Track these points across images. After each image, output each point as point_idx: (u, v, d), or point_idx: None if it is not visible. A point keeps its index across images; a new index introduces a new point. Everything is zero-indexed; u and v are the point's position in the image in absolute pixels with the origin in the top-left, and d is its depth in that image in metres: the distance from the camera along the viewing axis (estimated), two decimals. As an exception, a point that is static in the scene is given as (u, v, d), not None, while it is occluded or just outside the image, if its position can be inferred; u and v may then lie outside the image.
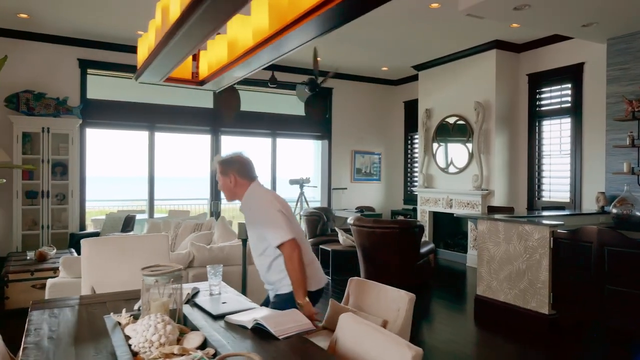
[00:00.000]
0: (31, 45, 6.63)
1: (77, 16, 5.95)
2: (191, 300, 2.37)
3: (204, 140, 8.27)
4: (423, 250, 5.67)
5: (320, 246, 6.51)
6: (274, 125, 8.58)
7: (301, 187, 8.56)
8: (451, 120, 7.55)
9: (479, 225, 4.70)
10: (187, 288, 2.48)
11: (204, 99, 7.97)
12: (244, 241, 3.96)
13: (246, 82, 7.41)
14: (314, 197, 9.67)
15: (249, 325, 1.93)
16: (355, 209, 8.74)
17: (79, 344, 1.75)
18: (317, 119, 6.18)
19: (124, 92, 7.46)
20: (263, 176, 8.88)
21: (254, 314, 2.05)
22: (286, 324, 1.91)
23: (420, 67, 8.14)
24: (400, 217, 9.03)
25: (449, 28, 6.21)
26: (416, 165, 8.81)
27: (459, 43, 6.90)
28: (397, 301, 2.53)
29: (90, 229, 7.75)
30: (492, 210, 5.88)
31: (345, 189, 9.08)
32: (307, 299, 2.35)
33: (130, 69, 7.32)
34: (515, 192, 7.00)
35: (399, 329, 2.46)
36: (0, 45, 6.38)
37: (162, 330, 1.53)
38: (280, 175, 8.96)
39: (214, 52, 1.76)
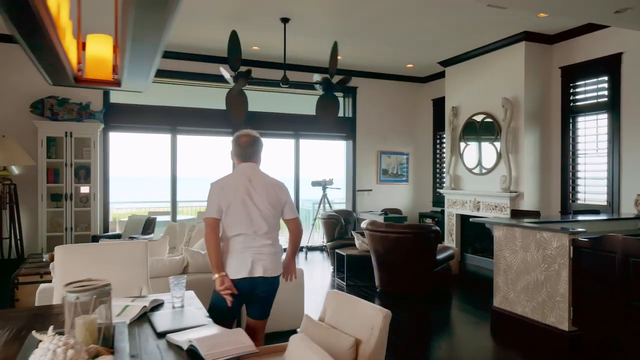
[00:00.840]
0: (55, 52, 6.81)
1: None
2: (147, 314, 2.25)
3: (226, 142, 8.25)
4: (440, 256, 5.36)
5: (336, 250, 6.31)
6: (297, 126, 8.45)
7: (324, 189, 8.40)
8: (478, 118, 7.15)
9: (495, 231, 4.37)
10: (146, 300, 2.37)
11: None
12: (239, 247, 3.84)
13: (268, 83, 7.32)
14: (341, 199, 9.48)
15: (184, 347, 1.78)
16: (381, 211, 8.47)
17: (-3, 363, 1.66)
18: (326, 121, 5.97)
19: (146, 95, 7.55)
20: (286, 178, 8.80)
21: (196, 332, 1.90)
22: (223, 346, 1.74)
23: (446, 63, 7.77)
24: (428, 220, 8.67)
25: (474, 20, 5.85)
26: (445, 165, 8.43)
27: (486, 36, 6.51)
28: (371, 319, 2.31)
29: (118, 230, 7.91)
30: (516, 214, 5.48)
31: (370, 190, 8.82)
32: (220, 273, 2.55)
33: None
34: (548, 195, 6.52)
35: (372, 350, 2.25)
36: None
37: (62, 355, 1.40)
38: (306, 176, 8.81)
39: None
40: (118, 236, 6.80)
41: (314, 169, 9.26)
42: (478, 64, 7.19)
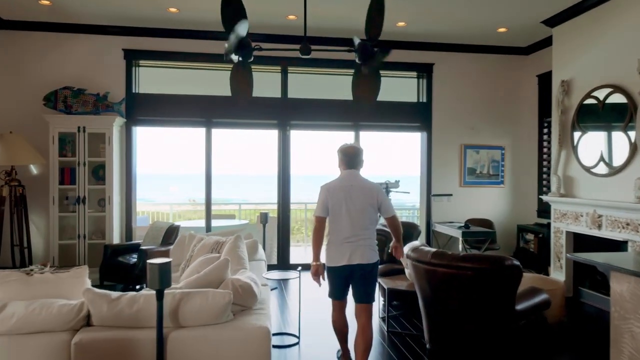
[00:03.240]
0: (72, 38, 6.08)
1: (94, -4, 5.15)
2: None
3: (271, 135, 6.95)
4: (523, 305, 3.42)
5: (379, 279, 4.62)
6: (357, 115, 6.84)
7: (387, 192, 6.69)
8: (601, 94, 4.92)
9: (614, 284, 2.42)
10: None
11: (269, 88, 6.66)
12: (159, 292, 2.44)
13: (323, 64, 5.92)
14: (414, 205, 7.68)
15: None
16: (465, 222, 6.54)
17: None
18: (363, 102, 4.32)
19: (175, 84, 6.55)
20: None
21: None
22: None
23: (553, 21, 5.60)
24: (529, 236, 6.52)
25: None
26: (553, 163, 6.19)
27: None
28: None
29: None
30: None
31: (450, 195, 6.89)
32: (316, 262, 3.20)
33: (180, 56, 6.38)
34: None
35: None
36: (40, 40, 5.97)
37: None
38: (369, 175, 7.14)
39: None
40: (136, 246, 5.86)
41: (381, 167, 7.59)
42: (598, 17, 4.96)
